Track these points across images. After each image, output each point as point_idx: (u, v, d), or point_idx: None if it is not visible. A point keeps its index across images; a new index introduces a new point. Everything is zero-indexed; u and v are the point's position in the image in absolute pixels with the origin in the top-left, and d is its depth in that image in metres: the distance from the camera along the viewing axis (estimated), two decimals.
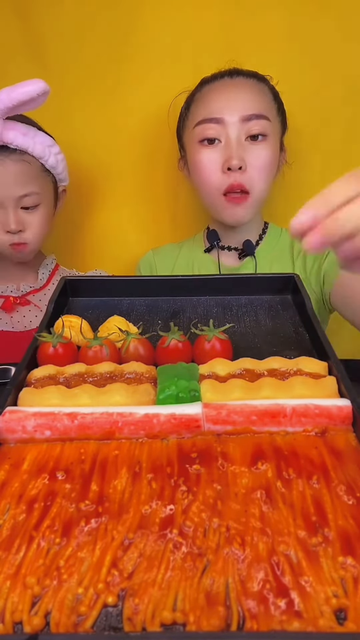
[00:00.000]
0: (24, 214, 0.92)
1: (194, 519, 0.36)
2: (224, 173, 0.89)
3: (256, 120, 0.88)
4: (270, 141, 0.90)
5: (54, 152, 0.93)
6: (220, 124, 0.88)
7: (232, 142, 0.88)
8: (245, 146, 0.89)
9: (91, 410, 0.45)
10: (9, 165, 0.89)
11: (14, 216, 0.90)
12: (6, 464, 0.42)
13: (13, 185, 0.89)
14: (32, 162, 0.91)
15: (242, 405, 0.45)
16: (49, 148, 0.92)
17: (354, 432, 0.44)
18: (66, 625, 0.30)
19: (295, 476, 0.39)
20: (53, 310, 0.63)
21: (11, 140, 0.87)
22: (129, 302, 0.68)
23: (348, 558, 0.33)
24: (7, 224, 0.90)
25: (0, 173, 0.88)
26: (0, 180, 0.89)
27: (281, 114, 0.95)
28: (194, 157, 0.93)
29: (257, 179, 0.90)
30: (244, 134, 0.89)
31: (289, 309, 0.66)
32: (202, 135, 0.90)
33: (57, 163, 0.95)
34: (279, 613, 0.30)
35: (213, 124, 0.89)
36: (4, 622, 0.30)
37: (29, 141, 0.89)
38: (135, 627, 0.30)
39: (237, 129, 0.88)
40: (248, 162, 0.88)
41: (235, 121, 0.88)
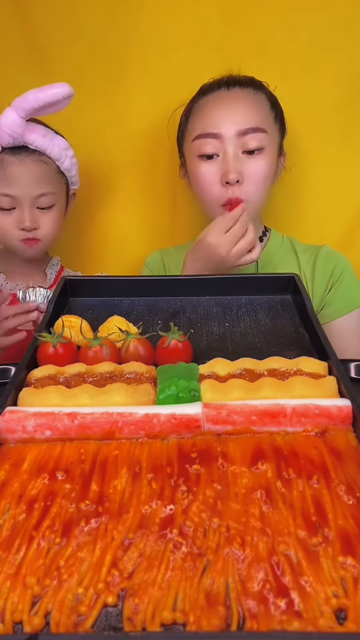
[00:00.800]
0: (38, 213, 0.95)
1: (194, 519, 0.36)
2: (222, 186, 0.91)
3: (253, 134, 0.90)
4: (267, 152, 0.92)
5: (69, 155, 0.97)
6: (218, 138, 0.91)
7: (229, 156, 0.90)
8: (242, 159, 0.91)
9: (91, 410, 0.45)
10: (29, 165, 0.92)
11: (30, 214, 0.93)
12: (6, 464, 0.42)
13: (31, 184, 0.92)
14: (49, 163, 0.94)
15: (242, 405, 0.45)
16: (65, 151, 0.96)
17: (354, 432, 0.44)
18: (66, 625, 0.30)
19: (295, 476, 0.39)
20: (53, 310, 0.63)
21: (32, 140, 0.90)
22: (129, 302, 0.68)
23: (348, 558, 0.33)
24: (22, 221, 0.93)
25: (20, 172, 0.91)
26: (20, 179, 0.92)
27: (279, 120, 0.97)
28: (194, 170, 0.95)
29: (254, 191, 0.93)
30: (240, 148, 0.91)
31: (289, 309, 0.66)
32: (200, 151, 0.93)
33: (72, 166, 0.98)
34: (279, 613, 0.30)
35: (210, 138, 0.91)
36: (4, 622, 0.30)
37: (48, 143, 0.92)
38: (135, 627, 0.30)
39: (234, 144, 0.90)
40: (245, 174, 0.91)
41: (232, 135, 0.90)
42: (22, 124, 0.86)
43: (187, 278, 0.72)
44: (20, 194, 0.92)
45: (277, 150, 0.96)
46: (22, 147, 0.91)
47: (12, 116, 0.85)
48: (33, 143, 0.91)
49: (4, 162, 0.91)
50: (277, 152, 0.96)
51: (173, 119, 1.03)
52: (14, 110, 0.85)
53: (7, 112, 0.85)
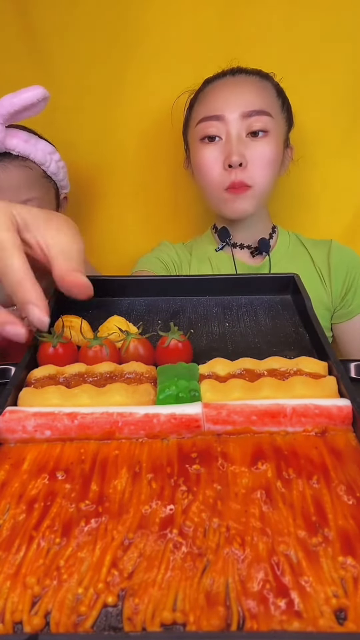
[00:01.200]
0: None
1: (194, 519, 0.36)
2: (225, 170, 0.89)
3: (257, 117, 0.88)
4: (272, 137, 0.90)
5: (55, 159, 0.97)
6: (221, 121, 0.88)
7: (233, 138, 0.88)
8: (246, 142, 0.89)
9: (91, 410, 0.45)
10: (11, 171, 0.91)
11: None
12: (6, 464, 0.42)
13: (15, 190, 0.91)
14: (33, 168, 0.93)
15: (242, 405, 0.45)
16: (50, 155, 0.96)
17: (354, 432, 0.44)
18: (66, 625, 0.30)
19: (295, 476, 0.39)
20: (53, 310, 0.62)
21: (14, 146, 0.90)
22: (129, 302, 0.68)
23: (348, 558, 0.33)
24: None
25: (3, 179, 0.91)
26: (3, 186, 0.91)
27: (286, 111, 0.95)
28: (196, 154, 0.93)
29: (258, 175, 0.90)
30: (244, 131, 0.89)
31: (289, 309, 0.66)
32: (203, 133, 0.90)
33: (58, 170, 0.98)
34: (279, 613, 0.30)
35: (214, 121, 0.89)
36: (4, 622, 0.30)
37: (31, 148, 0.92)
38: (135, 627, 0.30)
39: (238, 126, 0.88)
40: (249, 158, 0.88)
41: (236, 117, 0.88)
42: (2, 130, 0.86)
43: (187, 278, 0.72)
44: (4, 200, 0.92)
45: (283, 139, 0.95)
46: (4, 153, 0.90)
47: None
48: (15, 149, 0.90)
49: None
50: (283, 141, 0.94)
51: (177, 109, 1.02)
52: None
53: None
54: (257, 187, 0.89)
